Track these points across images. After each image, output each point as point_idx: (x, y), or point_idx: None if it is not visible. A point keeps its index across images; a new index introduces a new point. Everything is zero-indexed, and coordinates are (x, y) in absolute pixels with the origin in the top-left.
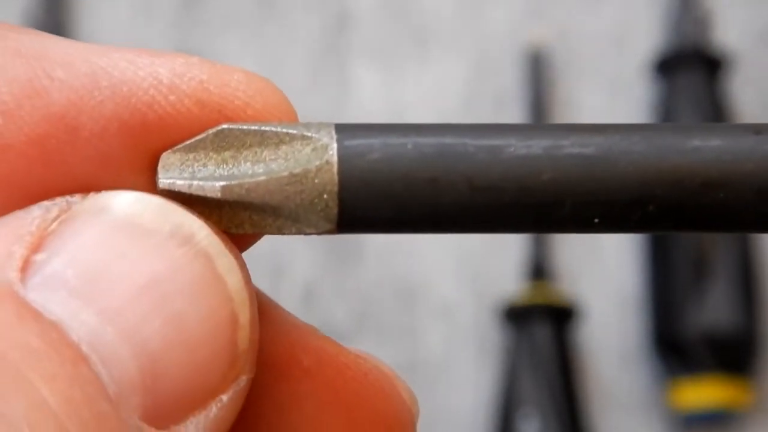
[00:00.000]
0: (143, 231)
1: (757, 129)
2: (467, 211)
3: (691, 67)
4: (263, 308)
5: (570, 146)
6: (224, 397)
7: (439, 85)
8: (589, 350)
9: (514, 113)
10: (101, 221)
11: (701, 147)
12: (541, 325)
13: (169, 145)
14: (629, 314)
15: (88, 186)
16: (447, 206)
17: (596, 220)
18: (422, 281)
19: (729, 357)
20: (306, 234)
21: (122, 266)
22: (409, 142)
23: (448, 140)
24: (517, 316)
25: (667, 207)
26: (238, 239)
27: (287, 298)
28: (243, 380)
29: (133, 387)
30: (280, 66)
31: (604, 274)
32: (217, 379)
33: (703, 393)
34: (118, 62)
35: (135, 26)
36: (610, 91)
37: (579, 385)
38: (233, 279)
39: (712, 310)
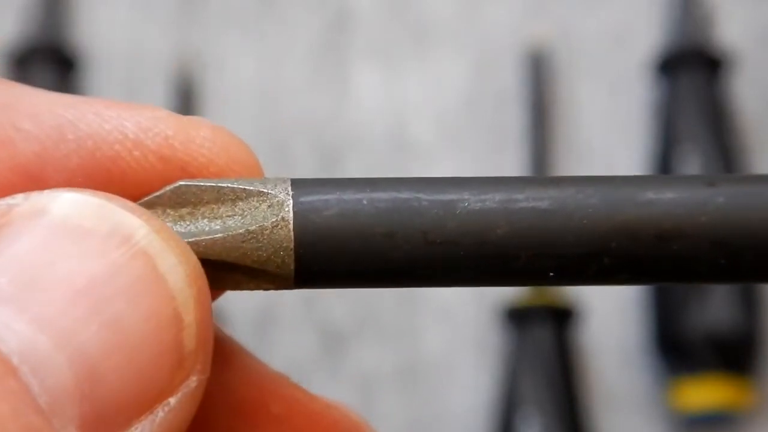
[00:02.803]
0: (81, 232)
1: (710, 181)
2: (423, 266)
3: (692, 67)
4: (234, 354)
5: (524, 200)
6: (172, 400)
7: (440, 85)
8: (590, 351)
9: (514, 113)
10: (39, 224)
11: (655, 200)
12: (542, 326)
13: (132, 199)
14: (630, 314)
15: None
16: (403, 261)
17: (551, 273)
18: None
19: (731, 357)
20: (264, 289)
21: (58, 270)
22: (365, 197)
23: (403, 195)
24: (517, 317)
25: (622, 260)
26: None
27: (287, 299)
28: (193, 381)
29: (68, 396)
30: (280, 65)
31: None
32: (163, 381)
33: (705, 393)
34: (86, 114)
35: (134, 26)
36: (610, 91)
37: (580, 386)
38: (175, 277)
39: (714, 309)
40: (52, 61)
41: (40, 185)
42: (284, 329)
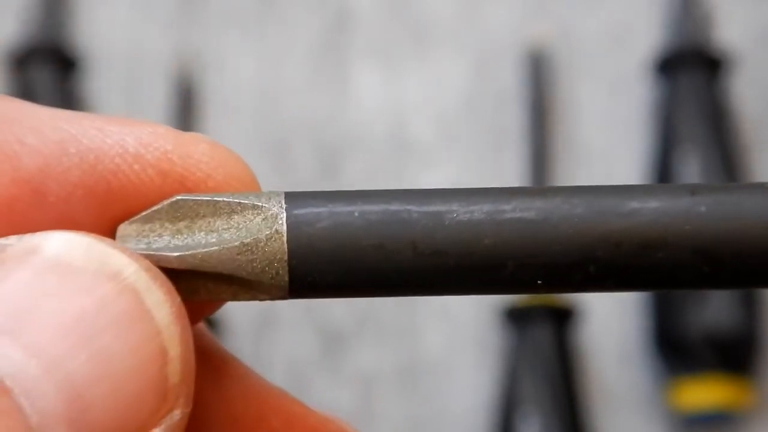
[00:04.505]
0: (71, 269)
1: (693, 190)
2: (413, 276)
3: (692, 67)
4: (232, 368)
5: (511, 211)
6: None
7: (440, 85)
8: (589, 350)
9: (514, 113)
10: (30, 263)
11: (639, 209)
12: (542, 326)
13: (131, 212)
14: (630, 314)
15: None
16: (393, 272)
17: (539, 282)
18: None
19: (730, 357)
20: (260, 300)
21: (49, 304)
22: (356, 209)
23: (393, 207)
24: (517, 317)
25: (607, 268)
26: (200, 306)
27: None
28: (176, 415)
29: (57, 418)
30: (280, 65)
31: None
32: (148, 412)
33: (705, 393)
34: (88, 129)
35: (134, 26)
36: (610, 91)
37: (580, 386)
38: (162, 313)
39: (714, 309)
40: (52, 61)
41: (41, 198)
42: (284, 329)
